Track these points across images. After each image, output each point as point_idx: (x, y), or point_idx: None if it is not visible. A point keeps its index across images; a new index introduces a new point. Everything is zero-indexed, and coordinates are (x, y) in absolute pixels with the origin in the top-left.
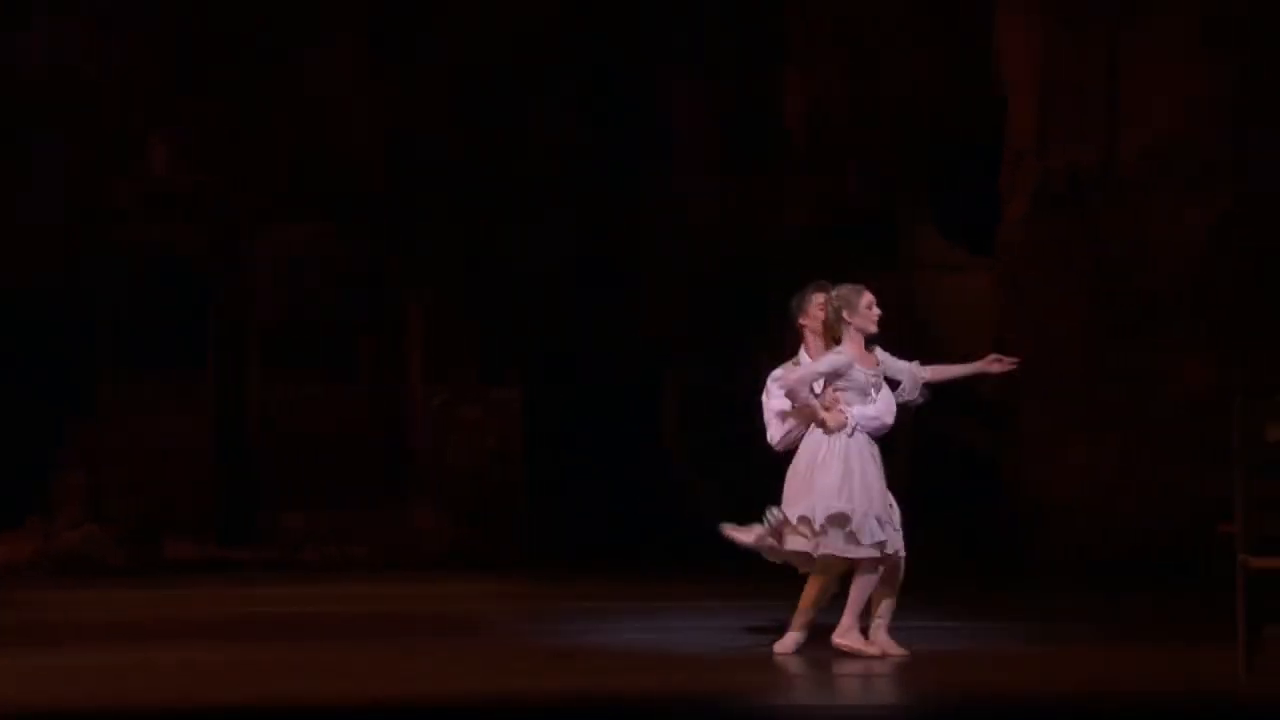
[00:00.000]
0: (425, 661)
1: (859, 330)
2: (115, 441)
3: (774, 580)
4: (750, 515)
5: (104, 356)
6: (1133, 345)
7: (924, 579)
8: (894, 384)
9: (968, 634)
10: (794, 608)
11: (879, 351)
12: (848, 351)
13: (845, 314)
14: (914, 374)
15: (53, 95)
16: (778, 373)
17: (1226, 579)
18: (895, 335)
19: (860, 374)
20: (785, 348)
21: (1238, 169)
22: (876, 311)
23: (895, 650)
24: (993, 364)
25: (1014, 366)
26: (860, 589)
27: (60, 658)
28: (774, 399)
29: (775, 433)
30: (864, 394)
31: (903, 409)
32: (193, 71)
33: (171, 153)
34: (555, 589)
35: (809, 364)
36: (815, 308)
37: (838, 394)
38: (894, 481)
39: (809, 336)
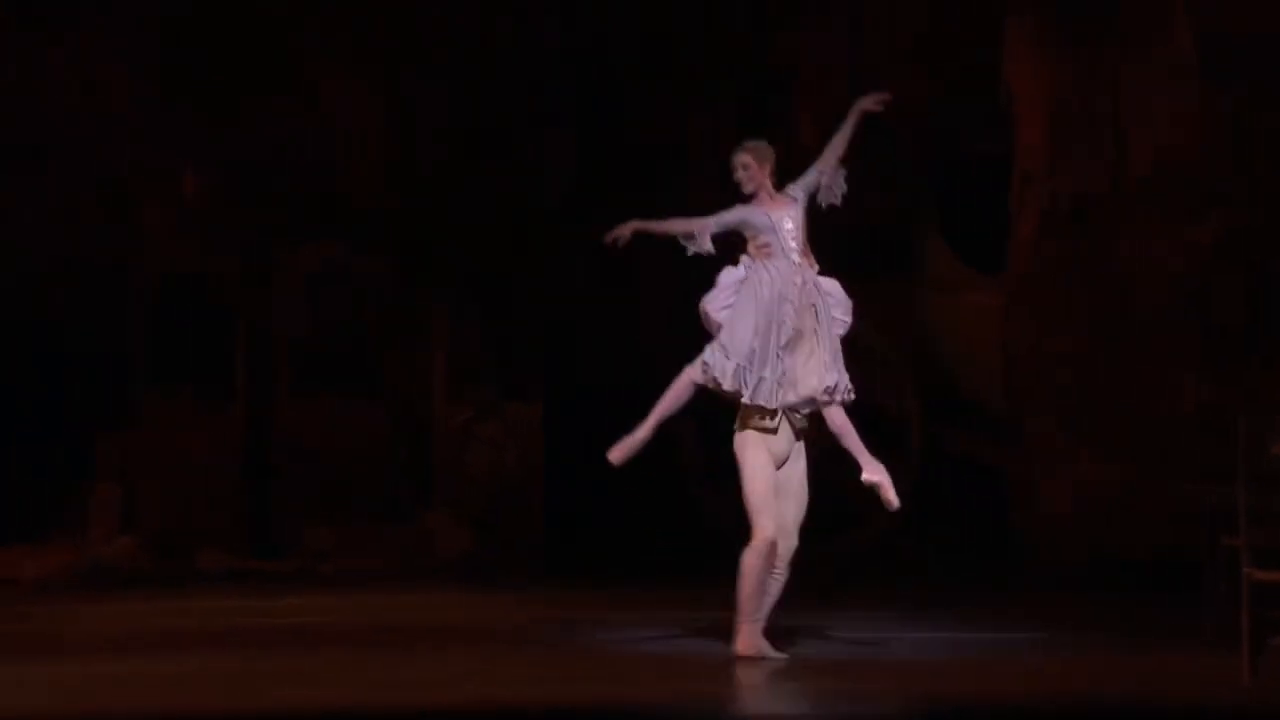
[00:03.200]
0: (437, 670)
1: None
2: (147, 455)
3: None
4: None
5: (136, 372)
6: (1138, 361)
7: (934, 591)
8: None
9: (975, 645)
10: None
11: (793, 188)
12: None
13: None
14: (818, 172)
15: (87, 122)
16: None
17: (1231, 591)
18: (906, 352)
19: (765, 218)
20: None
21: (1239, 188)
22: (739, 174)
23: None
24: (869, 103)
25: (886, 99)
26: None
27: (86, 668)
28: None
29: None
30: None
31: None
32: (219, 99)
33: (200, 177)
34: (571, 602)
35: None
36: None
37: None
38: (902, 495)
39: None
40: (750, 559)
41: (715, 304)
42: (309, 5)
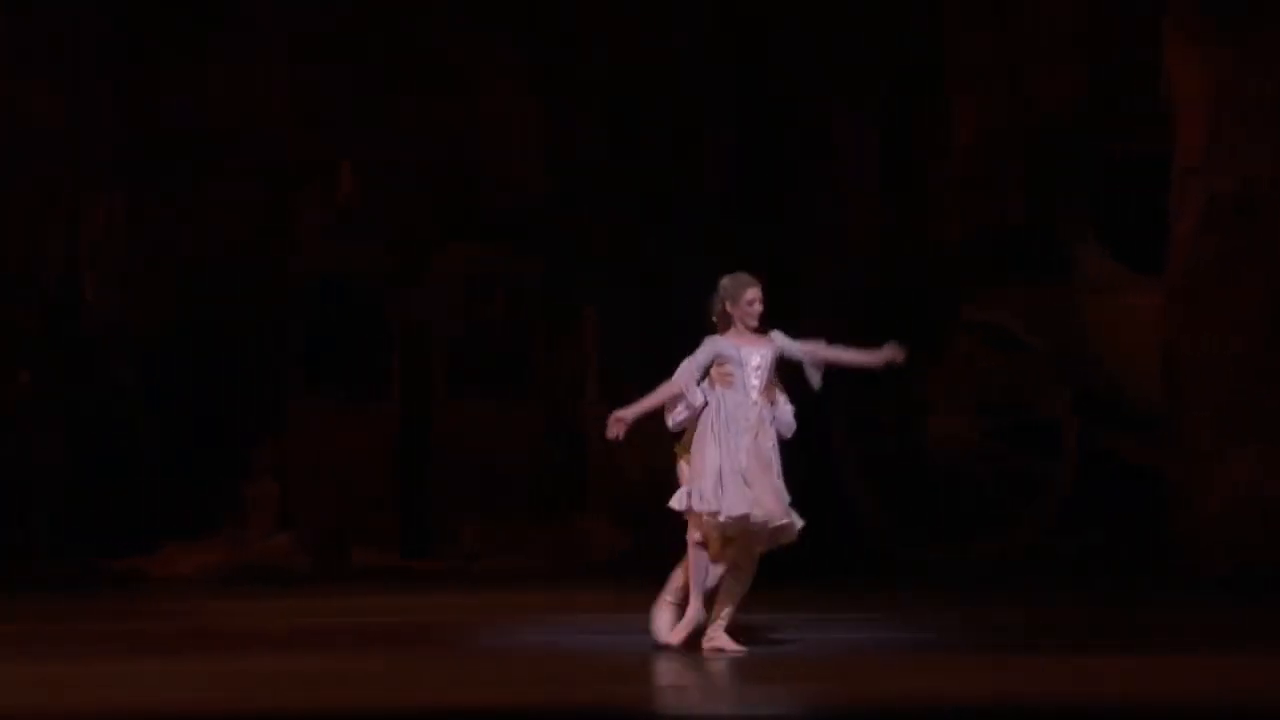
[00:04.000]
0: (580, 669)
1: (740, 321)
2: (303, 454)
3: (930, 592)
4: (916, 525)
5: (294, 372)
6: None
7: (1087, 592)
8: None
9: (1121, 647)
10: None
11: (777, 335)
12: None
13: (728, 304)
14: (811, 354)
15: (244, 123)
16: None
17: None
18: (1062, 353)
19: (734, 351)
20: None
21: None
22: (758, 308)
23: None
24: (888, 355)
25: (899, 357)
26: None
27: (240, 664)
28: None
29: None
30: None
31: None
32: (375, 100)
33: (356, 178)
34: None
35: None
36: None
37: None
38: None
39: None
40: None
41: (678, 415)
42: (466, 7)
